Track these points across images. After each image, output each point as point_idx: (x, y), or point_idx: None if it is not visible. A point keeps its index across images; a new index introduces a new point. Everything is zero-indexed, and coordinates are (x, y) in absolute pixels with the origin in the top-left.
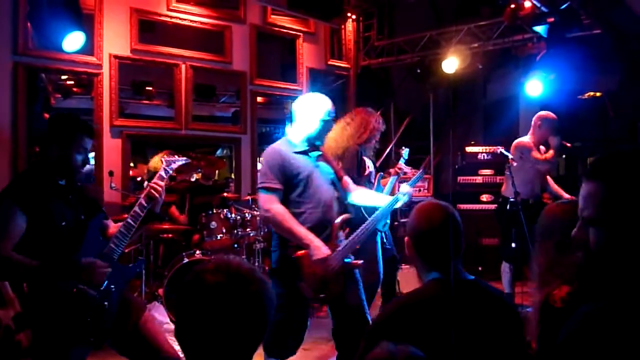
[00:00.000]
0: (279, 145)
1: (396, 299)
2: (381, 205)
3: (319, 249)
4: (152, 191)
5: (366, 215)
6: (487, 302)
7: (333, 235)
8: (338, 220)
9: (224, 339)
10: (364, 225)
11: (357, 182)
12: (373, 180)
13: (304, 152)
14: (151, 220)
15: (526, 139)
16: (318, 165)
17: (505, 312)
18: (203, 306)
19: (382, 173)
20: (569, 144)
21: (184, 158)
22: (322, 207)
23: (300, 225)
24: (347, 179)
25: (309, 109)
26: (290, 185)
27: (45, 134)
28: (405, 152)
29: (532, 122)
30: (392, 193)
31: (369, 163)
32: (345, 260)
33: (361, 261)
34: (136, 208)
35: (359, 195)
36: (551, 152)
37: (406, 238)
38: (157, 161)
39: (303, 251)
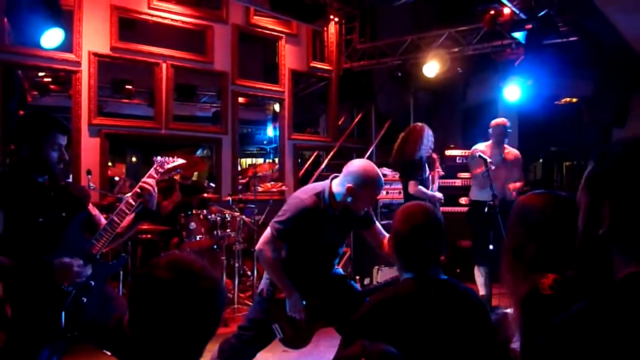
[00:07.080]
0: (313, 203)
1: (373, 296)
2: None
3: (294, 305)
4: (143, 185)
5: None
6: (458, 299)
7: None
8: None
9: (172, 333)
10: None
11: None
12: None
13: (336, 216)
14: (148, 217)
15: (481, 146)
16: (340, 223)
17: (473, 308)
18: (152, 301)
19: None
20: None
21: (180, 160)
22: (312, 271)
23: (285, 276)
24: (378, 225)
25: (355, 180)
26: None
27: (16, 133)
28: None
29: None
30: None
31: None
32: None
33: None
34: (122, 206)
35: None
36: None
37: (386, 238)
38: None
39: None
